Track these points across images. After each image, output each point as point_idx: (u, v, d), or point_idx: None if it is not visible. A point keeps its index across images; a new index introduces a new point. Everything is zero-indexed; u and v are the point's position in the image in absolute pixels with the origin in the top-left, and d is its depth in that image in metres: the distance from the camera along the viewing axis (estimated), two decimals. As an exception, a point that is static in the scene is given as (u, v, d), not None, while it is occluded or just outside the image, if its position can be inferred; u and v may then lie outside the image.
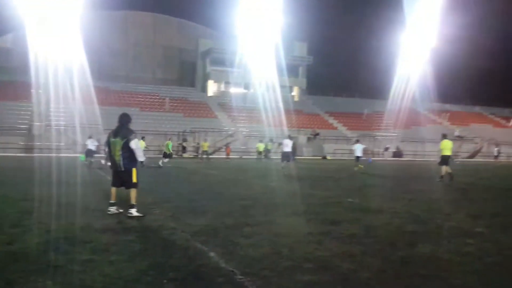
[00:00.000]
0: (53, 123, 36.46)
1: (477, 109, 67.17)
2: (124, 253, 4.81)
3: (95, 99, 37.74)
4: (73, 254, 4.69)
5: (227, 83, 57.37)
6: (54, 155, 26.88)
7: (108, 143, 7.31)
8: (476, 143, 45.33)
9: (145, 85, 53.70)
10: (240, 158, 36.57)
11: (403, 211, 8.19)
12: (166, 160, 21.92)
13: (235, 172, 19.14)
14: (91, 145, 20.64)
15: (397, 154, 45.60)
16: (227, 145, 37.88)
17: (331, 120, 53.82)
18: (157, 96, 50.88)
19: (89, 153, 20.44)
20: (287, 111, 45.91)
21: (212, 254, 4.83)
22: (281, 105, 46.00)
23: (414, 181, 16.18)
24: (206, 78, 56.95)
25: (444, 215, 7.91)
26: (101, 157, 18.67)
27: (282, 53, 50.85)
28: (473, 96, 67.32)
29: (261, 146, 34.26)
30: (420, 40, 54.00)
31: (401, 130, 50.60)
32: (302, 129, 47.81)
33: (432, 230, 6.41)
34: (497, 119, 64.04)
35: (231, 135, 43.06)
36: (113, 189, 7.40)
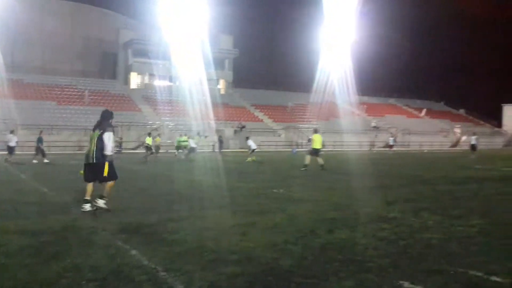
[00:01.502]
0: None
1: (392, 101, 71.44)
2: (39, 255, 4.55)
3: (8, 93, 35.12)
4: (-19, 260, 4.35)
5: (152, 75, 55.92)
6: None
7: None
8: (391, 133, 48.17)
9: (62, 77, 50.69)
10: (166, 152, 35.90)
11: (324, 199, 8.55)
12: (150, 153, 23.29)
13: (160, 167, 18.77)
14: (12, 141, 19.30)
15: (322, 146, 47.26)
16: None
17: (257, 113, 54.48)
18: (76, 89, 48.33)
19: (9, 150, 19.13)
20: (213, 104, 45.77)
21: (134, 252, 4.72)
22: (207, 98, 45.77)
23: (335, 170, 16.87)
24: (128, 70, 55.04)
25: (361, 201, 8.36)
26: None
27: (208, 46, 50.51)
28: (388, 89, 71.67)
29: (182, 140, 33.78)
30: (339, 35, 56.25)
31: (323, 122, 52.50)
32: (229, 121, 47.95)
33: (350, 217, 6.74)
34: (410, 110, 68.58)
35: (156, 129, 42.11)
36: (89, 185, 7.13)
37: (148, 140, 23.96)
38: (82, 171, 7.37)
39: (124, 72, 55.36)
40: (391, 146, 37.73)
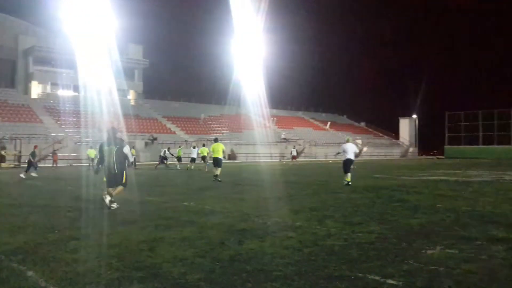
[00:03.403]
0: None
1: (300, 114, 74.49)
2: None
3: None
4: None
5: (55, 84, 52.72)
6: None
7: (101, 152, 8.86)
8: (300, 144, 50.08)
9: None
10: (70, 166, 33.91)
11: (235, 210, 8.62)
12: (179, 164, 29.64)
13: (64, 182, 17.66)
14: None
15: (232, 156, 47.72)
16: (54, 152, 34.62)
17: (169, 125, 53.62)
18: (-32, 98, 44.00)
19: None
20: (123, 116, 44.21)
21: (30, 273, 4.38)
22: (116, 109, 44.11)
23: (246, 181, 17.11)
24: (29, 78, 51.41)
25: (270, 211, 8.57)
26: None
27: (116, 55, 48.84)
28: (297, 102, 74.79)
29: (92, 153, 32.22)
30: (250, 49, 57.58)
31: (235, 134, 53.15)
32: (139, 134, 46.58)
33: (259, 227, 6.86)
34: (317, 122, 71.99)
35: (59, 142, 39.59)
36: (110, 189, 8.81)
37: (179, 153, 31.10)
38: (105, 179, 9.09)
39: (24, 80, 51.62)
40: (294, 157, 39.08)
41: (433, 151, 72.54)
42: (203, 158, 26.69)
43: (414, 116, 75.18)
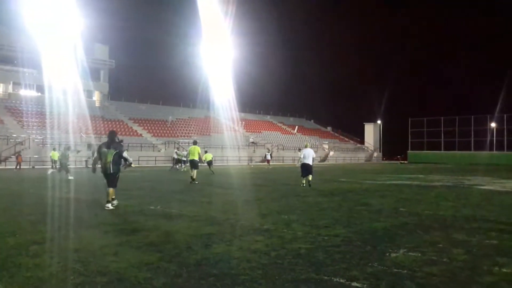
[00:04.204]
0: None
1: (268, 118, 74.88)
2: None
3: None
4: None
5: (17, 84, 51.01)
6: None
7: (99, 153, 9.45)
8: (267, 148, 50.29)
9: None
10: (33, 168, 32.85)
11: (202, 214, 8.57)
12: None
13: (25, 184, 17.09)
14: None
15: (200, 159, 47.39)
16: (18, 154, 33.40)
17: (135, 127, 52.78)
18: None
19: None
20: (88, 117, 43.21)
21: (-13, 280, 4.22)
22: (81, 110, 43.09)
23: (215, 184, 17.04)
24: (-12, 77, 49.56)
25: (238, 215, 8.56)
26: None
27: (82, 55, 47.74)
28: (265, 106, 75.23)
29: (55, 155, 31.34)
30: (220, 52, 57.48)
31: (204, 137, 52.84)
32: (104, 135, 45.59)
33: (226, 231, 6.85)
34: (284, 127, 72.54)
35: (21, 143, 38.30)
36: (111, 190, 9.50)
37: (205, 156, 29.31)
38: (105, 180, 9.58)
39: (-16, 80, 49.71)
40: (268, 161, 39.26)
41: (397, 156, 74.38)
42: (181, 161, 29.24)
43: (379, 121, 76.87)
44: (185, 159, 29.56)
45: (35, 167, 33.85)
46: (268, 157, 39.35)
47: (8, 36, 49.58)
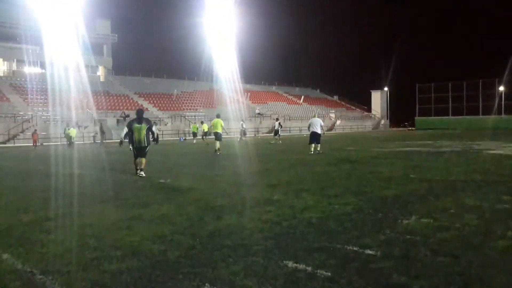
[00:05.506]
0: None
1: (273, 88, 74.30)
2: None
3: None
4: None
5: (20, 61, 50.82)
6: None
7: (131, 128, 10.66)
8: (274, 118, 50.07)
9: None
10: (41, 145, 33.08)
11: (212, 187, 8.60)
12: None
13: (35, 162, 17.24)
14: None
15: (207, 132, 47.37)
16: (34, 132, 33.50)
17: (141, 101, 52.70)
18: None
19: None
20: (93, 93, 43.17)
21: (5, 256, 4.28)
22: (86, 86, 42.96)
23: (222, 157, 17.07)
24: (-8, 55, 49.38)
25: (248, 186, 8.58)
26: None
27: (84, 30, 47.28)
28: (270, 77, 74.52)
29: (73, 132, 31.89)
30: (223, 24, 56.60)
31: (209, 109, 52.71)
32: (110, 111, 45.69)
33: (237, 202, 6.87)
34: (290, 97, 72.03)
35: (28, 121, 38.48)
36: (138, 160, 10.69)
37: (205, 127, 31.54)
38: (132, 148, 10.77)
39: (-13, 58, 49.56)
40: (276, 132, 38.77)
41: (404, 123, 73.86)
42: (204, 133, 30.75)
43: (386, 88, 76.04)
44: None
45: (43, 144, 34.06)
46: (277, 127, 38.84)
47: (10, 13, 49.06)
